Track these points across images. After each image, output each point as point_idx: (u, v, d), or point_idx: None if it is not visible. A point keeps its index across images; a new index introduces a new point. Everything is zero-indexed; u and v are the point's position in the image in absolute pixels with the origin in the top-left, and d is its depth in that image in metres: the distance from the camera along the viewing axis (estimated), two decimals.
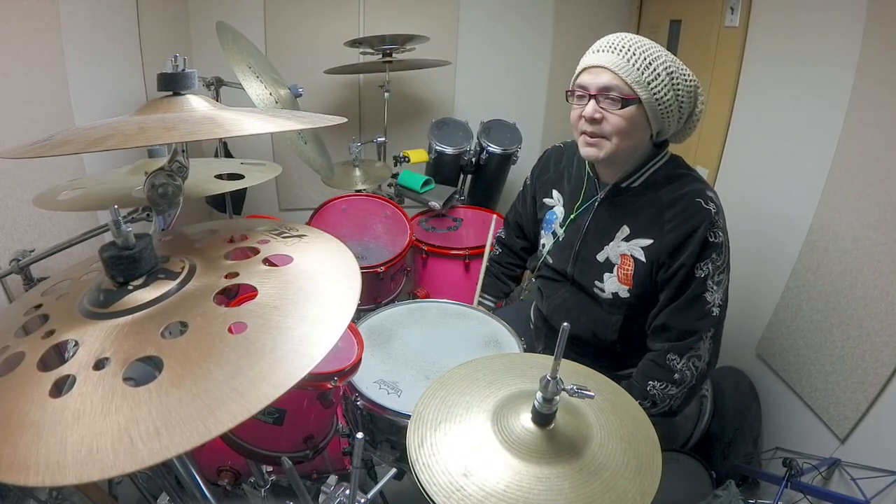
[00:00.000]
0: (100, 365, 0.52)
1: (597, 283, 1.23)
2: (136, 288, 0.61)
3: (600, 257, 1.23)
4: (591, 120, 1.09)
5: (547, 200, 1.39)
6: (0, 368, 0.56)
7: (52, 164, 1.34)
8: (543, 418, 0.71)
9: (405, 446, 0.73)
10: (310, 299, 0.61)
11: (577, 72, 1.13)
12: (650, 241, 1.14)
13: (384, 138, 2.22)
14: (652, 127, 1.10)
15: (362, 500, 0.86)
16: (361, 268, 0.69)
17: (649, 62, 1.05)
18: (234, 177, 1.16)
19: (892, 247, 1.22)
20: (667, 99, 1.06)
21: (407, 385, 1.12)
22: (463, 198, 2.24)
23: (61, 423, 0.47)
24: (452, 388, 0.82)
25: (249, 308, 0.58)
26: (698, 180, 1.16)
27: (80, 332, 0.57)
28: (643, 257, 1.15)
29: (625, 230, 1.18)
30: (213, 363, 0.51)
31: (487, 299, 1.65)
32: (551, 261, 1.36)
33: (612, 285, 1.21)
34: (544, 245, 1.39)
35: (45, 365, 0.54)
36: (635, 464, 0.70)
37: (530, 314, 1.57)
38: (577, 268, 1.28)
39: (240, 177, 1.16)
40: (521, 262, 1.65)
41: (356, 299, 0.62)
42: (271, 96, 1.57)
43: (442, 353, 1.22)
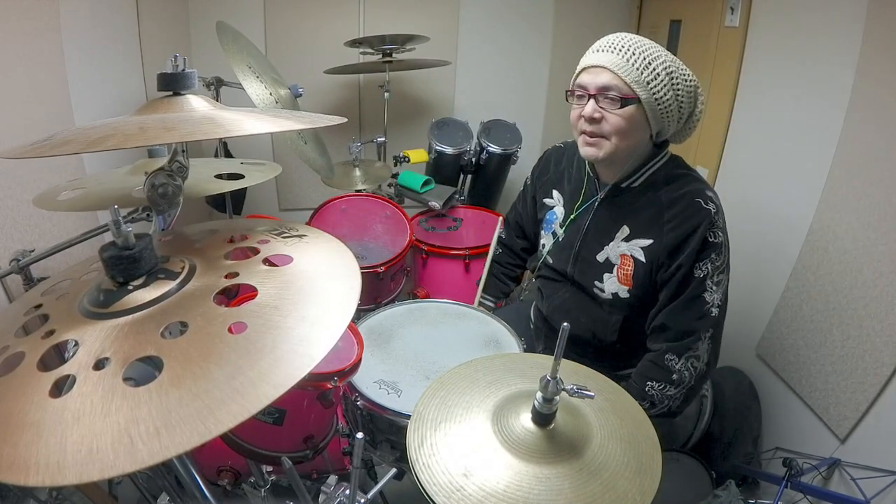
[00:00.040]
0: (100, 365, 0.52)
1: (597, 283, 1.23)
2: (136, 288, 0.61)
3: (600, 257, 1.23)
4: (591, 119, 1.09)
5: (547, 200, 1.39)
6: (0, 368, 0.56)
7: (52, 164, 1.34)
8: (543, 418, 0.71)
9: (405, 446, 0.73)
10: (310, 299, 0.61)
11: (577, 71, 1.13)
12: (650, 242, 1.14)
13: (384, 138, 2.22)
14: (651, 127, 1.10)
15: (362, 500, 0.86)
16: (361, 268, 0.69)
17: (649, 62, 1.05)
18: (234, 177, 1.16)
19: (892, 247, 1.22)
20: (666, 99, 1.06)
21: (407, 385, 1.12)
22: (463, 198, 2.24)
23: (61, 423, 0.47)
24: (452, 388, 0.82)
25: (249, 308, 0.58)
26: (698, 180, 1.16)
27: (80, 332, 0.57)
28: (643, 257, 1.15)
29: (625, 230, 1.18)
30: (213, 363, 0.51)
31: (487, 299, 1.65)
32: (551, 261, 1.36)
33: (612, 285, 1.21)
34: (544, 245, 1.39)
35: (45, 365, 0.54)
36: (635, 464, 0.70)
37: (530, 314, 1.57)
38: (577, 268, 1.28)
39: (240, 177, 1.16)
40: (522, 263, 1.65)
41: (356, 299, 0.62)
42: (271, 96, 1.57)
43: (442, 353, 1.22)
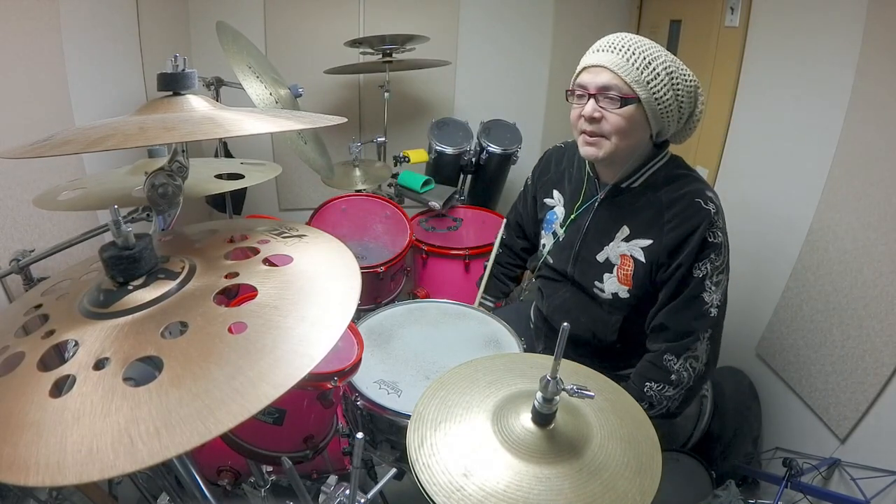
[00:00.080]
0: (100, 365, 0.52)
1: (597, 283, 1.23)
2: (136, 288, 0.61)
3: (600, 257, 1.23)
4: (591, 119, 1.09)
5: (547, 200, 1.39)
6: (0, 368, 0.56)
7: (52, 164, 1.34)
8: (543, 418, 0.71)
9: (405, 446, 0.73)
10: (310, 299, 0.61)
11: (577, 71, 1.13)
12: (650, 242, 1.14)
13: (384, 138, 2.22)
14: (651, 127, 1.10)
15: (362, 500, 0.86)
16: (361, 268, 0.69)
17: (649, 62, 1.05)
18: (234, 177, 1.16)
19: (892, 247, 1.22)
20: (666, 98, 1.06)
21: (407, 385, 1.12)
22: (463, 198, 2.24)
23: (61, 423, 0.47)
24: (452, 388, 0.82)
25: (249, 308, 0.58)
26: (698, 180, 1.16)
27: (80, 332, 0.57)
28: (643, 258, 1.15)
29: (625, 230, 1.18)
30: (213, 363, 0.51)
31: (487, 299, 1.64)
32: (551, 261, 1.36)
33: (612, 286, 1.21)
34: (545, 245, 1.39)
35: (45, 365, 0.54)
36: (635, 464, 0.70)
37: (530, 314, 1.57)
38: (577, 268, 1.28)
39: (240, 177, 1.16)
40: (522, 263, 1.65)
41: (356, 299, 0.62)
42: (271, 96, 1.57)
43: (442, 353, 1.22)
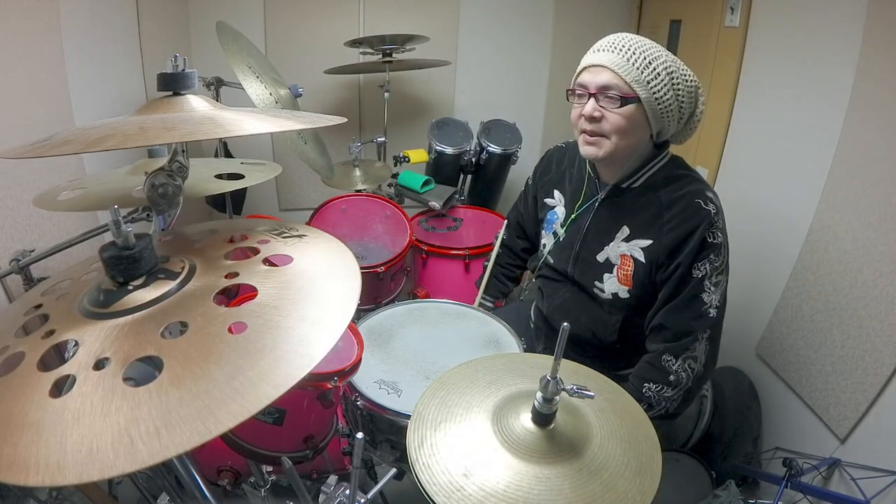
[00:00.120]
0: (100, 365, 0.52)
1: (597, 283, 1.23)
2: (136, 288, 0.61)
3: (600, 257, 1.23)
4: (591, 118, 1.09)
5: (548, 200, 1.39)
6: (0, 368, 0.56)
7: (52, 164, 1.34)
8: (543, 418, 0.71)
9: (405, 446, 0.73)
10: (310, 299, 0.61)
11: (578, 71, 1.13)
12: (650, 242, 1.14)
13: (384, 138, 2.22)
14: (652, 127, 1.10)
15: (362, 500, 0.86)
16: (361, 268, 0.69)
17: (649, 62, 1.05)
18: (234, 177, 1.16)
19: (892, 247, 1.22)
20: (666, 98, 1.06)
21: (407, 385, 1.12)
22: (463, 198, 2.24)
23: (61, 423, 0.47)
24: (452, 388, 0.82)
25: (249, 308, 0.58)
26: (698, 181, 1.16)
27: (80, 332, 0.57)
28: (643, 258, 1.15)
29: (625, 231, 1.18)
30: (213, 363, 0.51)
31: (486, 299, 1.65)
32: (552, 261, 1.36)
33: (612, 286, 1.21)
34: (545, 245, 1.39)
35: (45, 365, 0.54)
36: (635, 464, 0.70)
37: (530, 314, 1.57)
38: (577, 268, 1.28)
39: (240, 177, 1.16)
40: (521, 263, 1.65)
41: (356, 299, 0.62)
42: (271, 96, 1.57)
43: (442, 353, 1.22)
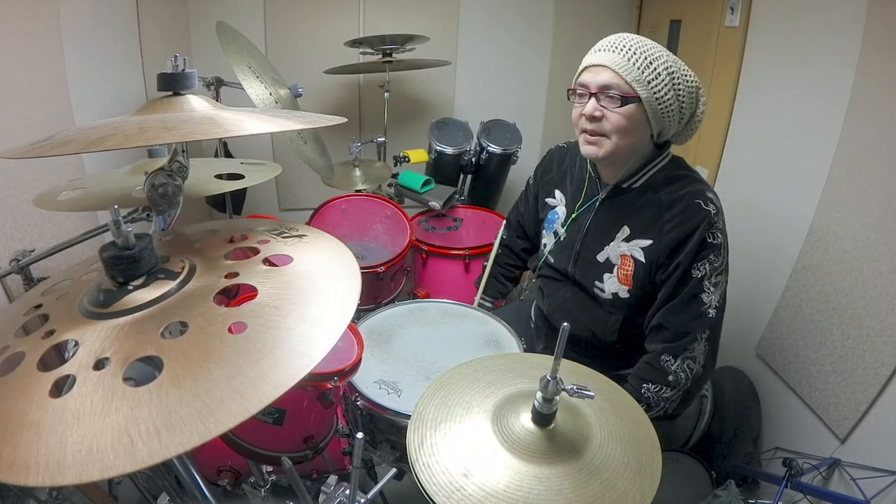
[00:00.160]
0: (100, 365, 0.52)
1: (597, 283, 1.23)
2: (136, 288, 0.61)
3: (600, 257, 1.23)
4: (591, 118, 1.09)
5: (549, 200, 1.39)
6: (0, 368, 0.56)
7: (52, 164, 1.34)
8: (543, 418, 0.71)
9: (405, 446, 0.73)
10: (310, 299, 0.61)
11: (579, 70, 1.13)
12: (650, 242, 1.14)
13: (384, 138, 2.22)
14: (652, 127, 1.10)
15: (362, 500, 0.86)
16: (361, 268, 0.69)
17: (650, 62, 1.05)
18: (234, 177, 1.16)
19: (892, 247, 1.22)
20: (667, 98, 1.06)
21: (407, 385, 1.12)
22: (463, 198, 2.24)
23: (61, 423, 0.47)
24: (452, 388, 0.82)
25: (249, 308, 0.58)
26: (699, 181, 1.16)
27: (80, 332, 0.57)
28: (643, 258, 1.15)
29: (625, 231, 1.18)
30: (213, 363, 0.51)
31: (485, 300, 1.65)
32: (553, 260, 1.36)
33: (612, 285, 1.21)
34: (546, 245, 1.39)
35: (45, 365, 0.54)
36: (635, 464, 0.70)
37: (531, 313, 1.57)
38: (577, 268, 1.28)
39: (240, 177, 1.16)
40: (521, 264, 1.65)
41: (356, 299, 0.62)
42: (271, 96, 1.57)
43: (442, 353, 1.22)
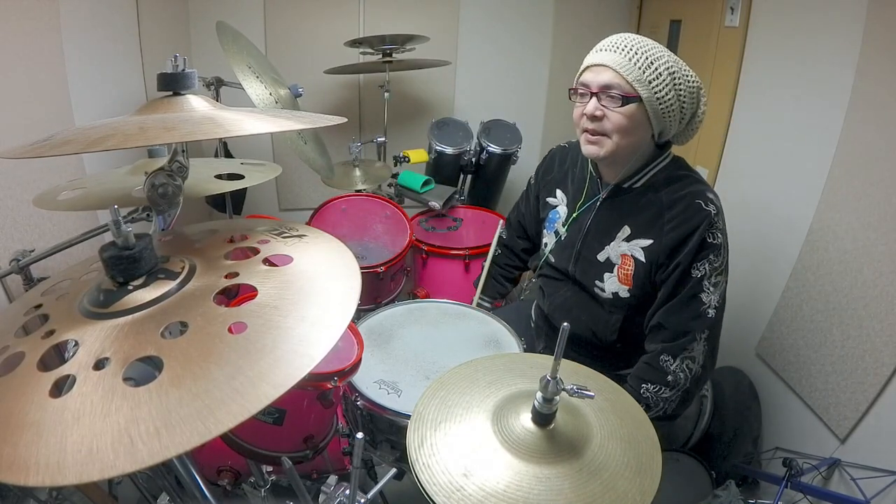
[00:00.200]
0: (100, 365, 0.52)
1: (597, 282, 1.23)
2: (136, 288, 0.61)
3: (601, 257, 1.23)
4: (593, 117, 1.10)
5: (550, 200, 1.39)
6: (0, 368, 0.56)
7: (52, 164, 1.34)
8: (543, 418, 0.71)
9: (405, 446, 0.73)
10: (310, 299, 0.61)
11: (581, 70, 1.14)
12: (650, 242, 1.14)
13: (384, 138, 2.22)
14: (653, 126, 1.10)
15: (362, 500, 0.86)
16: (361, 268, 0.69)
17: (651, 62, 1.05)
18: (234, 177, 1.16)
19: (892, 247, 1.22)
20: (668, 98, 1.06)
21: (407, 385, 1.12)
22: (463, 198, 2.24)
23: (61, 423, 0.47)
24: (452, 388, 0.82)
25: (249, 308, 0.58)
26: (700, 182, 1.16)
27: (80, 332, 0.57)
28: (643, 257, 1.15)
29: (626, 230, 1.18)
30: (213, 363, 0.51)
31: (484, 300, 1.65)
32: (553, 260, 1.36)
33: (613, 285, 1.21)
34: (546, 244, 1.39)
35: (45, 365, 0.54)
36: (635, 464, 0.70)
37: (531, 313, 1.57)
38: (578, 267, 1.28)
39: (240, 177, 1.16)
40: (520, 264, 1.65)
41: (356, 299, 0.62)
42: (271, 96, 1.57)
43: (442, 353, 1.22)
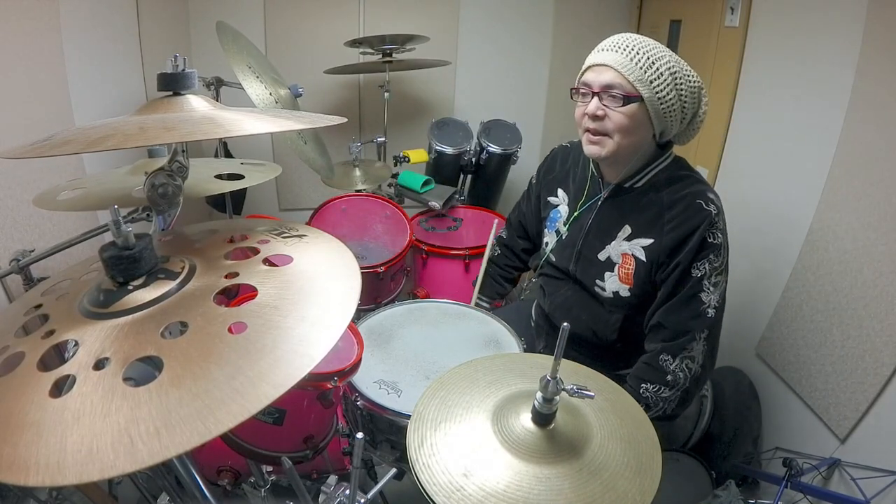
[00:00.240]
0: (100, 365, 0.52)
1: (598, 281, 1.23)
2: (136, 288, 0.61)
3: (602, 256, 1.23)
4: (594, 117, 1.10)
5: (552, 199, 1.39)
6: (0, 368, 0.56)
7: (52, 164, 1.34)
8: (543, 418, 0.71)
9: (405, 446, 0.73)
10: (310, 299, 0.61)
11: (582, 70, 1.14)
12: (651, 241, 1.14)
13: (384, 138, 2.22)
14: (654, 126, 1.10)
15: (362, 500, 0.86)
16: (361, 268, 0.69)
17: (652, 61, 1.05)
18: (234, 177, 1.16)
19: (892, 247, 1.22)
20: (669, 98, 1.07)
21: (407, 385, 1.12)
22: (463, 198, 2.24)
23: (61, 423, 0.47)
24: (452, 388, 0.82)
25: (249, 308, 0.58)
26: (700, 182, 1.16)
27: (80, 332, 0.57)
28: (643, 257, 1.15)
29: (626, 230, 1.19)
30: (213, 363, 0.51)
31: (483, 300, 1.65)
32: (554, 259, 1.36)
33: (613, 284, 1.21)
34: (547, 243, 1.39)
35: (45, 365, 0.54)
36: (635, 464, 0.70)
37: (531, 312, 1.57)
38: (579, 266, 1.28)
39: (240, 177, 1.16)
40: (520, 264, 1.64)
41: (356, 299, 0.62)
42: (271, 96, 1.57)
43: (442, 353, 1.22)
